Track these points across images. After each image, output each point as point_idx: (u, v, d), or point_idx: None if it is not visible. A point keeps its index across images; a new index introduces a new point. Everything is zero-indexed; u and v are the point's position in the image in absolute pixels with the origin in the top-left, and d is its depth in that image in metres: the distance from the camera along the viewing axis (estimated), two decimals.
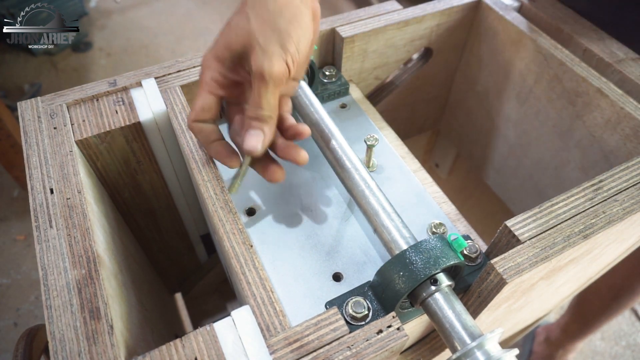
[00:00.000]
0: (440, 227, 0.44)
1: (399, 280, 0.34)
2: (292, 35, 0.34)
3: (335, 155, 0.44)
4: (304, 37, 0.35)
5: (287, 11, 0.34)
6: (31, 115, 0.45)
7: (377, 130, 0.54)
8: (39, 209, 0.39)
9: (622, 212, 0.38)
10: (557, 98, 0.59)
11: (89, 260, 0.36)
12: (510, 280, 0.34)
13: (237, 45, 0.36)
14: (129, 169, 0.51)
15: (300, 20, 0.35)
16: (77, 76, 1.88)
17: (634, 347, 1.26)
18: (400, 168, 0.50)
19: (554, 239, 0.36)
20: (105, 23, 2.12)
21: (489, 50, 0.66)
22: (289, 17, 0.34)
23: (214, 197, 0.40)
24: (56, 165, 0.42)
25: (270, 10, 0.34)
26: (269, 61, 0.34)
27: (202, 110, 0.38)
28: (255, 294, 0.35)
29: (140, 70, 0.50)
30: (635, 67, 0.54)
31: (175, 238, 0.67)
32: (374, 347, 0.32)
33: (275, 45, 0.34)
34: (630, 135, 0.51)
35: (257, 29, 0.34)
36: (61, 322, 0.32)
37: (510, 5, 0.63)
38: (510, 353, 0.31)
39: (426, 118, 0.83)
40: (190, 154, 0.42)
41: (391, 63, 0.64)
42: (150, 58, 1.96)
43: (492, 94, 0.70)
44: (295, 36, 0.34)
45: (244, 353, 0.32)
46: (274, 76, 0.34)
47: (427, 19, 0.60)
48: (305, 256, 0.42)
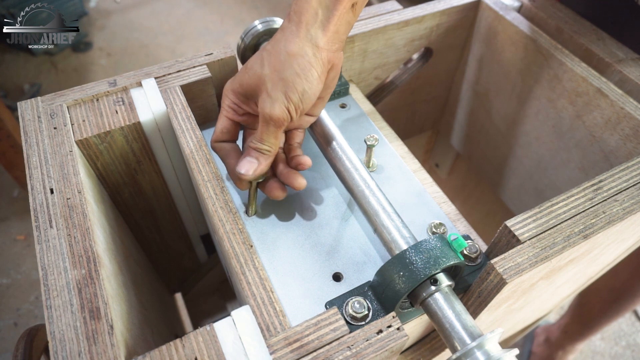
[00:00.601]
0: (440, 227, 0.44)
1: (399, 280, 0.34)
2: (297, 87, 0.37)
3: (335, 155, 0.44)
4: (309, 89, 0.38)
5: (297, 63, 0.37)
6: (31, 115, 0.45)
7: (377, 130, 0.54)
8: (39, 209, 0.39)
9: (622, 212, 0.38)
10: (557, 98, 0.59)
11: (89, 260, 0.36)
12: (510, 280, 0.34)
13: (249, 84, 0.40)
14: (129, 169, 0.51)
15: (307, 74, 0.37)
16: (77, 76, 1.88)
17: (634, 347, 1.26)
18: (400, 168, 0.50)
19: (554, 239, 0.36)
20: (105, 23, 2.12)
21: (489, 50, 0.66)
22: (297, 69, 0.37)
23: (214, 197, 0.40)
24: (56, 165, 0.42)
25: (282, 60, 0.37)
26: (272, 106, 0.38)
27: (221, 133, 0.43)
28: (255, 294, 0.35)
29: (140, 70, 0.50)
30: (635, 67, 0.54)
31: (175, 238, 0.67)
32: (374, 347, 0.32)
33: (280, 92, 0.37)
34: (630, 135, 0.51)
35: (267, 75, 0.38)
36: (61, 322, 0.32)
37: (510, 5, 0.63)
38: (510, 353, 0.31)
39: (426, 118, 0.83)
40: (190, 154, 0.42)
41: (391, 63, 0.64)
42: (150, 58, 1.96)
43: (492, 94, 0.70)
44: (300, 88, 0.37)
45: (244, 353, 0.32)
46: (274, 119, 0.38)
47: (427, 19, 0.60)
48: (305, 256, 0.42)
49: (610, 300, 0.91)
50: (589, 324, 1.01)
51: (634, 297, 0.86)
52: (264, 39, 0.51)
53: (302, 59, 0.37)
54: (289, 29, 0.38)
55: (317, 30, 0.37)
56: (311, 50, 0.37)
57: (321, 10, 0.37)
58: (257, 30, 0.50)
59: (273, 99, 0.38)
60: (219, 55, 0.51)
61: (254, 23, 0.51)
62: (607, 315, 0.95)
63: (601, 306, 0.94)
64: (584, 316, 1.01)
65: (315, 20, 0.37)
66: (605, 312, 0.94)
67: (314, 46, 0.37)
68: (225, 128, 0.43)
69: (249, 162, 0.40)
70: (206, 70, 0.50)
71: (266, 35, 0.51)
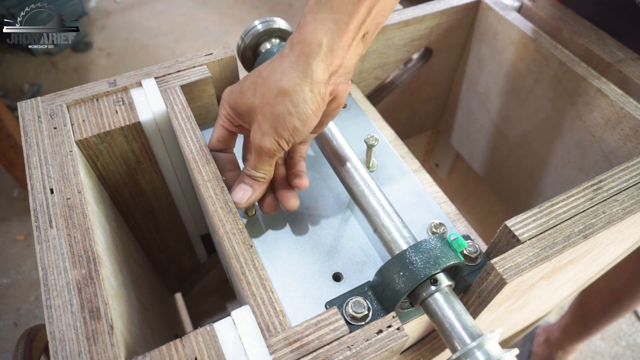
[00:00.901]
0: (440, 227, 0.44)
1: (399, 280, 0.34)
2: (288, 124, 0.35)
3: (335, 155, 0.44)
4: (302, 127, 0.35)
5: (289, 101, 0.34)
6: (31, 115, 0.45)
7: (377, 130, 0.54)
8: (39, 209, 0.39)
9: (622, 212, 0.38)
10: (557, 98, 0.59)
11: (89, 260, 0.36)
12: (510, 280, 0.34)
13: (242, 108, 0.38)
14: (129, 169, 0.51)
15: (301, 112, 0.34)
16: (77, 76, 1.88)
17: (634, 347, 1.26)
18: (400, 168, 0.50)
19: (554, 239, 0.36)
20: (105, 23, 2.12)
21: (489, 50, 0.66)
22: (289, 106, 0.34)
23: (214, 197, 0.40)
24: (56, 165, 0.42)
25: (274, 94, 0.34)
26: (262, 138, 0.36)
27: (217, 141, 0.42)
28: (255, 294, 0.35)
29: (140, 70, 0.50)
30: (635, 67, 0.54)
31: (175, 238, 0.67)
32: (374, 347, 0.32)
33: (270, 127, 0.35)
34: (630, 135, 0.51)
35: (259, 106, 0.36)
36: (61, 322, 0.32)
37: (510, 5, 0.63)
38: (510, 353, 0.31)
39: (426, 118, 0.83)
40: (190, 154, 0.42)
41: (391, 63, 0.64)
42: (150, 58, 1.96)
43: (492, 94, 0.70)
44: (291, 125, 0.35)
45: (244, 353, 0.32)
46: (265, 151, 0.37)
47: (427, 19, 0.60)
48: (305, 256, 0.42)
49: (611, 301, 0.91)
50: (589, 324, 1.01)
51: (635, 297, 0.86)
52: (264, 39, 0.51)
53: (296, 96, 0.34)
54: (288, 59, 0.34)
55: (318, 64, 0.33)
56: (308, 87, 0.34)
57: (326, 40, 0.33)
58: (257, 30, 0.50)
59: (263, 131, 0.36)
60: (219, 55, 0.51)
61: (254, 23, 0.51)
62: (608, 316, 0.95)
63: (601, 306, 0.94)
64: (584, 316, 1.01)
65: (318, 53, 0.33)
66: (605, 313, 0.94)
67: (312, 82, 0.33)
68: (221, 137, 0.42)
69: (243, 190, 0.39)
70: (206, 70, 0.50)
71: (266, 35, 0.51)
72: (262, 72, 0.36)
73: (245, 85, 0.37)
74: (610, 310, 0.93)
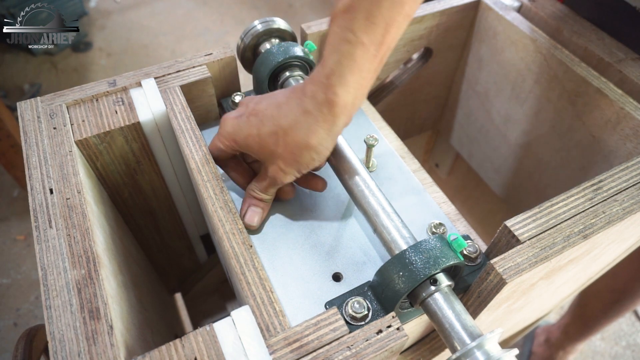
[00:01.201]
0: (440, 227, 0.44)
1: (398, 280, 0.34)
2: (310, 166, 0.39)
3: (335, 155, 0.44)
4: (320, 163, 0.40)
5: (314, 151, 0.37)
6: (31, 115, 0.45)
7: (377, 130, 0.54)
8: (39, 209, 0.39)
9: (622, 212, 0.38)
10: (557, 98, 0.59)
11: (88, 260, 0.36)
12: (510, 280, 0.34)
13: (254, 150, 0.40)
14: (129, 169, 0.51)
15: (322, 156, 0.38)
16: (77, 76, 1.88)
17: (634, 347, 1.26)
18: (400, 168, 0.50)
19: (554, 239, 0.36)
20: (105, 23, 2.12)
21: (488, 50, 0.66)
22: (314, 154, 0.37)
23: (214, 197, 0.40)
24: (56, 166, 0.42)
25: (300, 147, 0.37)
26: (284, 176, 0.39)
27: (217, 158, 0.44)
28: (255, 294, 0.35)
29: (140, 70, 0.50)
30: (635, 67, 0.54)
31: (175, 238, 0.67)
32: (373, 347, 0.32)
33: (293, 169, 0.39)
34: (630, 135, 0.51)
35: (281, 154, 0.38)
36: (61, 322, 0.32)
37: (510, 5, 0.63)
38: (510, 353, 0.31)
39: (426, 118, 0.83)
40: (190, 154, 0.42)
41: (391, 63, 0.64)
42: (150, 58, 1.96)
43: (492, 94, 0.70)
44: (312, 165, 0.39)
45: (243, 353, 0.32)
46: (280, 183, 0.40)
47: (427, 19, 0.60)
48: (305, 256, 0.42)
49: (611, 301, 0.91)
50: (590, 324, 1.01)
51: (635, 297, 0.86)
52: (264, 39, 0.51)
53: (321, 147, 0.37)
54: (314, 116, 0.35)
55: (342, 119, 0.36)
56: (331, 138, 0.37)
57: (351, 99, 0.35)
58: (257, 30, 0.50)
59: (285, 172, 0.39)
60: (218, 55, 0.51)
61: (253, 23, 0.51)
62: (608, 316, 0.95)
63: (602, 307, 0.94)
64: (584, 316, 1.01)
65: (344, 112, 0.35)
66: (605, 313, 0.94)
67: (336, 133, 0.37)
68: (221, 155, 0.43)
69: (254, 212, 0.42)
70: (206, 70, 0.50)
71: (266, 36, 0.51)
72: (281, 122, 0.37)
73: (264, 132, 0.38)
74: (611, 310, 0.93)
